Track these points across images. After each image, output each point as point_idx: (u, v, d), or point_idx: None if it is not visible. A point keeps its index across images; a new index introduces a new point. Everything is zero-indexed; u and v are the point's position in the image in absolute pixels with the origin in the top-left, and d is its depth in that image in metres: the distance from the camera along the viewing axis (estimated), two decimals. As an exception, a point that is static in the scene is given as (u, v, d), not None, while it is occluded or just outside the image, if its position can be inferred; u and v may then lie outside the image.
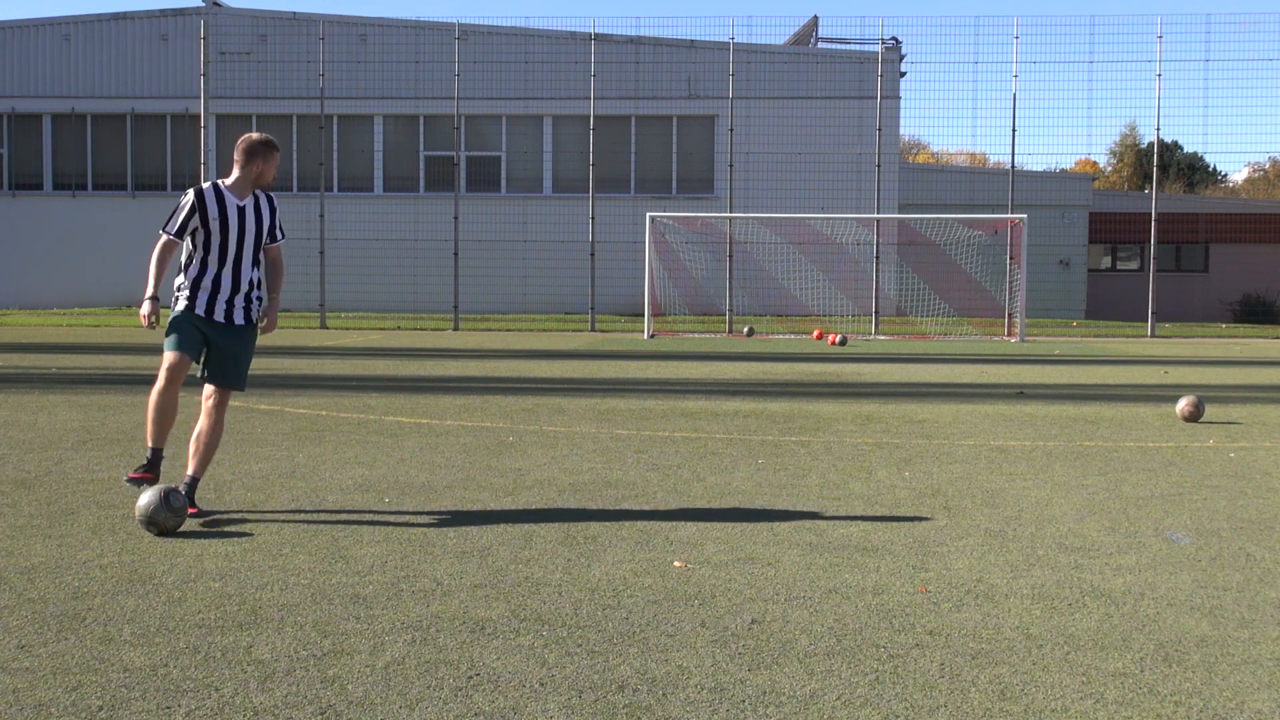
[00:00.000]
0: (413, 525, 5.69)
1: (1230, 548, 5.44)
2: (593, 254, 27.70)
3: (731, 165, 28.53)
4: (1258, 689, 3.60)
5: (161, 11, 32.62)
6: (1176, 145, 59.60)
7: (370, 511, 6.01)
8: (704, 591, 4.58)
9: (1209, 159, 65.47)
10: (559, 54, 31.23)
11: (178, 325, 5.94)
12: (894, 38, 30.36)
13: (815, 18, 33.24)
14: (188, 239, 5.98)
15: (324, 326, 26.81)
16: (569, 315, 29.96)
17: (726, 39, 29.57)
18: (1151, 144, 31.93)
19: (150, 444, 5.87)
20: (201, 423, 5.96)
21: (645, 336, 24.66)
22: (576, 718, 3.31)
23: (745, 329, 25.75)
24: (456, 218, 28.33)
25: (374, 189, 32.42)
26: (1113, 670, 3.75)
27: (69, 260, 32.12)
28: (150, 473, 5.84)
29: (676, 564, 5.07)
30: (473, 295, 29.32)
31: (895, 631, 4.10)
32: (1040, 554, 5.27)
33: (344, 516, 5.88)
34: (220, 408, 6.02)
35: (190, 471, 5.92)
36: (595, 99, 28.19)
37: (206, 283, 5.95)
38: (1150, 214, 27.92)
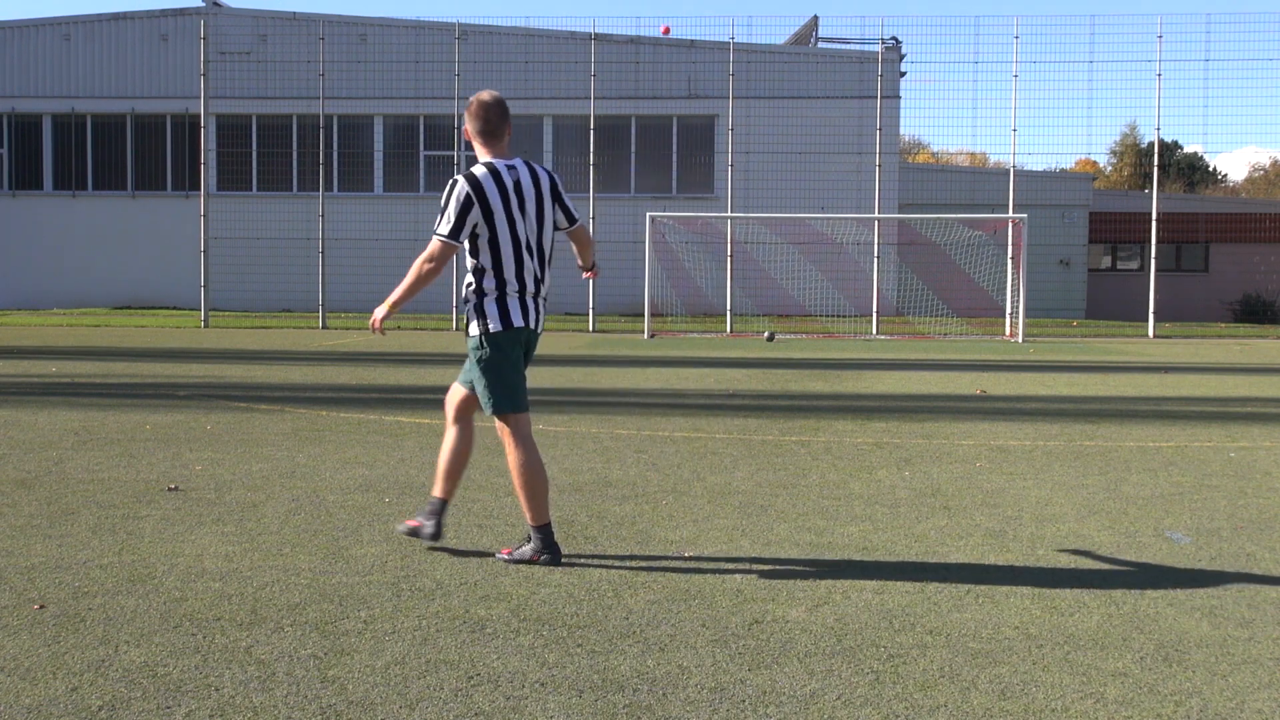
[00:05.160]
0: (413, 525, 5.69)
1: (1230, 548, 5.44)
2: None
3: (731, 165, 28.53)
4: (1258, 689, 3.60)
5: (161, 11, 32.63)
6: (1176, 145, 59.63)
7: (370, 511, 6.01)
8: (704, 591, 4.58)
9: (1209, 159, 65.53)
10: (559, 54, 31.24)
11: None
12: (894, 37, 30.38)
13: (815, 17, 33.26)
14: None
15: (324, 327, 26.81)
16: (569, 315, 29.97)
17: (726, 39, 29.57)
18: (1151, 144, 31.93)
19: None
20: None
21: (645, 337, 24.65)
22: (576, 717, 3.31)
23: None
24: (456, 218, 28.30)
25: (374, 189, 32.42)
26: (1113, 670, 3.75)
27: (69, 260, 32.12)
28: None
29: (686, 553, 5.08)
30: (473, 295, 29.28)
31: (895, 631, 4.10)
32: (1040, 554, 5.27)
33: (344, 516, 5.88)
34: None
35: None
36: (595, 99, 28.19)
37: None
38: (1150, 214, 27.92)
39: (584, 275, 5.79)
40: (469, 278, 5.07)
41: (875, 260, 27.87)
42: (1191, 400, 12.24)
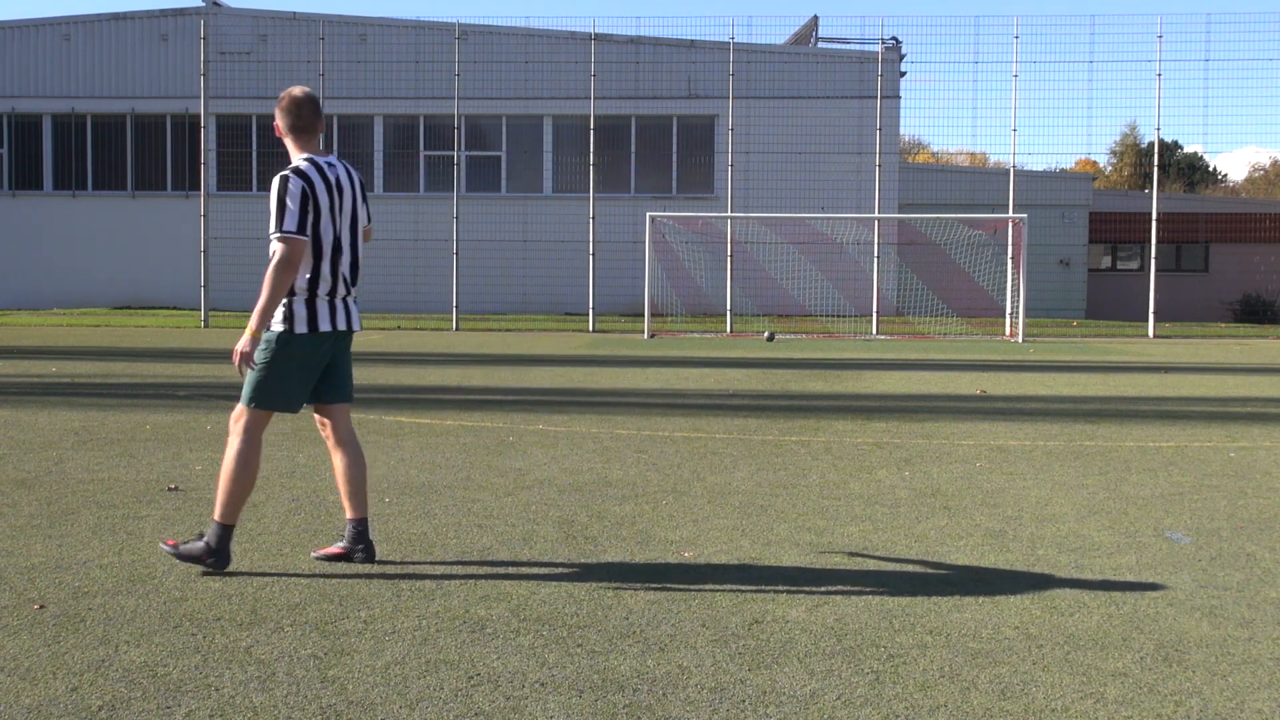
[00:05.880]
0: (413, 525, 5.69)
1: (1230, 548, 5.44)
2: (593, 254, 27.70)
3: (731, 165, 28.53)
4: (1258, 689, 3.60)
5: (161, 11, 32.63)
6: (1176, 145, 59.63)
7: (370, 511, 6.00)
8: (704, 591, 4.58)
9: (1209, 159, 65.53)
10: (559, 54, 31.23)
11: None
12: (894, 37, 30.37)
13: (815, 17, 33.26)
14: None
15: (324, 326, 26.78)
16: (569, 315, 29.96)
17: (726, 39, 29.57)
18: (1151, 144, 31.93)
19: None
20: None
21: (645, 336, 24.65)
22: (576, 717, 3.31)
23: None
24: (456, 218, 28.34)
25: (374, 189, 32.41)
26: (1113, 670, 3.75)
27: (69, 260, 32.12)
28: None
29: (686, 553, 5.09)
30: (473, 295, 29.32)
31: (895, 631, 4.10)
32: (1040, 554, 5.27)
33: (344, 516, 5.87)
34: None
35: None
36: (595, 99, 28.19)
37: None
38: (1150, 214, 27.92)
39: None
40: None
41: (875, 260, 27.87)
42: (1191, 400, 12.24)
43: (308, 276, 4.83)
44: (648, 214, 26.46)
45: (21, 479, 6.78)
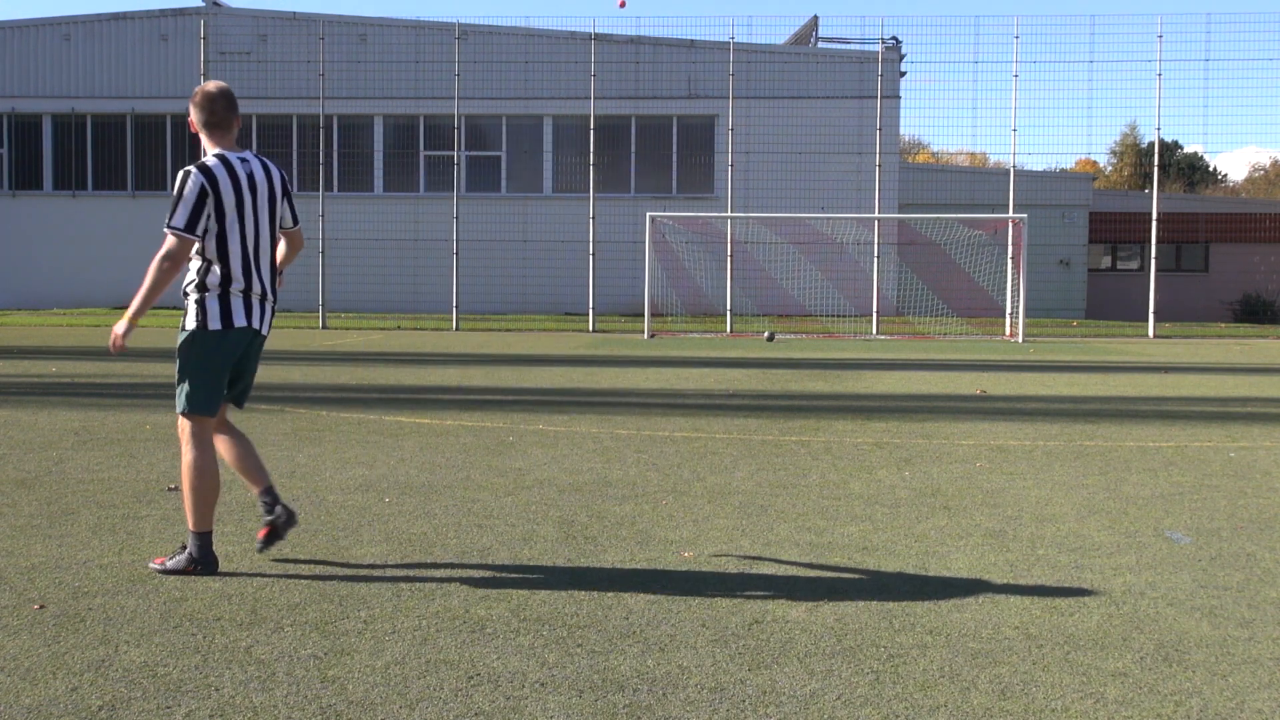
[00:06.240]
0: (413, 525, 5.69)
1: (1230, 548, 5.44)
2: (593, 254, 27.70)
3: (731, 165, 28.54)
4: (1258, 689, 3.60)
5: (161, 11, 32.63)
6: (1176, 145, 59.62)
7: (370, 511, 6.01)
8: (704, 591, 4.58)
9: (1209, 158, 65.53)
10: (559, 54, 31.24)
11: None
12: (894, 37, 30.38)
13: (815, 17, 33.26)
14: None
15: (324, 327, 26.82)
16: (569, 315, 29.96)
17: (726, 39, 29.58)
18: (1151, 144, 31.92)
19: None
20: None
21: (645, 336, 24.65)
22: (576, 717, 3.31)
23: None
24: (456, 218, 28.34)
25: (374, 189, 32.42)
26: (1113, 670, 3.75)
27: (69, 260, 32.12)
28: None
29: (686, 553, 5.09)
30: (473, 295, 29.33)
31: (895, 631, 4.10)
32: (1040, 554, 5.27)
33: (344, 516, 5.88)
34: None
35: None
36: (595, 99, 28.19)
37: None
38: (1150, 214, 27.92)
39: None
40: (190, 274, 4.84)
41: (875, 260, 27.87)
42: (1191, 400, 12.24)
43: (219, 273, 4.80)
44: (648, 214, 26.47)
45: (21, 479, 6.78)
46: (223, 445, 5.01)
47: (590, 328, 26.95)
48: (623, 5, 29.19)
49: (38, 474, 6.96)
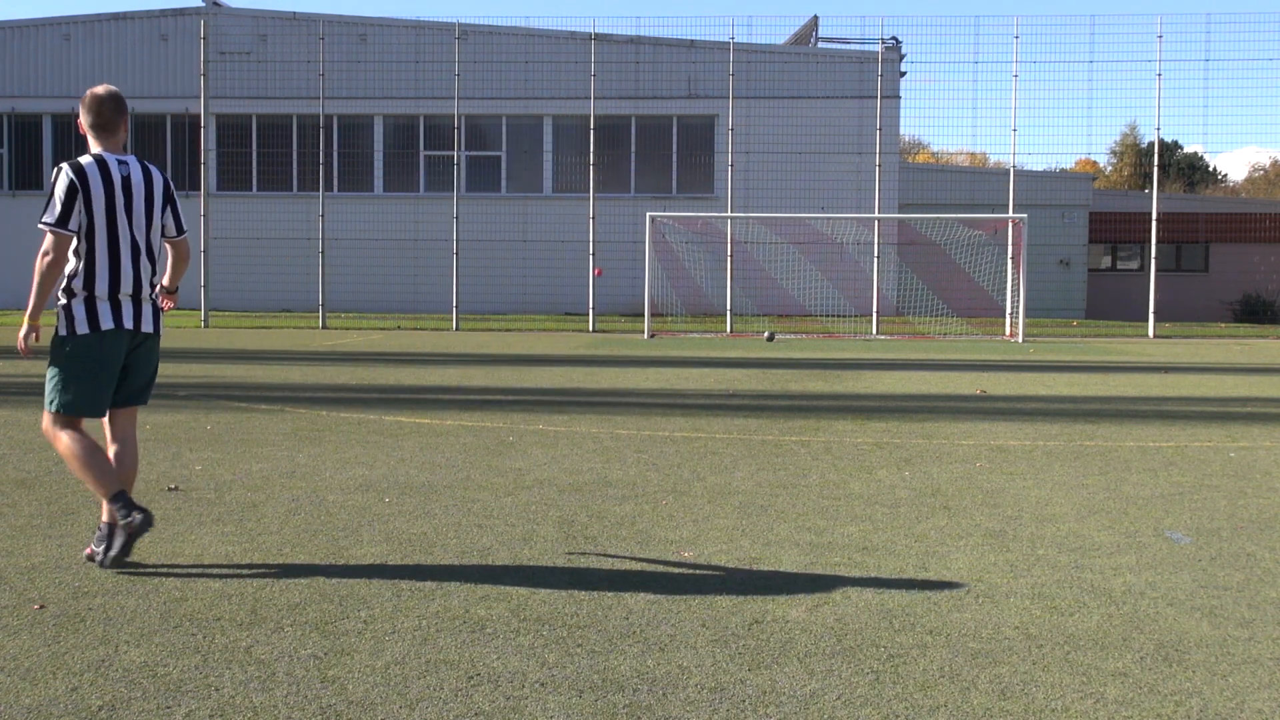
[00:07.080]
0: (413, 525, 5.69)
1: (1230, 548, 5.44)
2: (593, 254, 27.70)
3: (731, 165, 28.54)
4: (1258, 689, 3.60)
5: (161, 11, 32.64)
6: (1177, 145, 59.62)
7: (370, 511, 6.01)
8: (704, 591, 4.58)
9: (1209, 158, 65.52)
10: (559, 54, 31.25)
11: None
12: (894, 37, 30.39)
13: (815, 17, 33.27)
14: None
15: (324, 326, 26.82)
16: (569, 315, 29.97)
17: (726, 39, 29.58)
18: (1151, 144, 31.93)
19: None
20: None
21: (645, 336, 24.66)
22: (576, 717, 3.31)
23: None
24: (456, 218, 28.34)
25: (374, 189, 32.42)
26: (1113, 670, 3.74)
27: (69, 260, 32.10)
28: None
29: (686, 553, 5.08)
30: (473, 295, 29.33)
31: (895, 631, 4.10)
32: (1040, 554, 5.27)
33: (344, 516, 5.88)
34: None
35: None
36: (595, 99, 28.19)
37: None
38: (1150, 214, 27.92)
39: (161, 300, 5.22)
40: (63, 278, 4.85)
41: (875, 260, 27.88)
42: (1191, 400, 12.24)
43: (83, 275, 4.82)
44: (648, 214, 26.48)
45: (21, 479, 6.78)
46: (114, 451, 5.06)
47: (590, 328, 26.95)
48: None
49: (38, 474, 6.96)
